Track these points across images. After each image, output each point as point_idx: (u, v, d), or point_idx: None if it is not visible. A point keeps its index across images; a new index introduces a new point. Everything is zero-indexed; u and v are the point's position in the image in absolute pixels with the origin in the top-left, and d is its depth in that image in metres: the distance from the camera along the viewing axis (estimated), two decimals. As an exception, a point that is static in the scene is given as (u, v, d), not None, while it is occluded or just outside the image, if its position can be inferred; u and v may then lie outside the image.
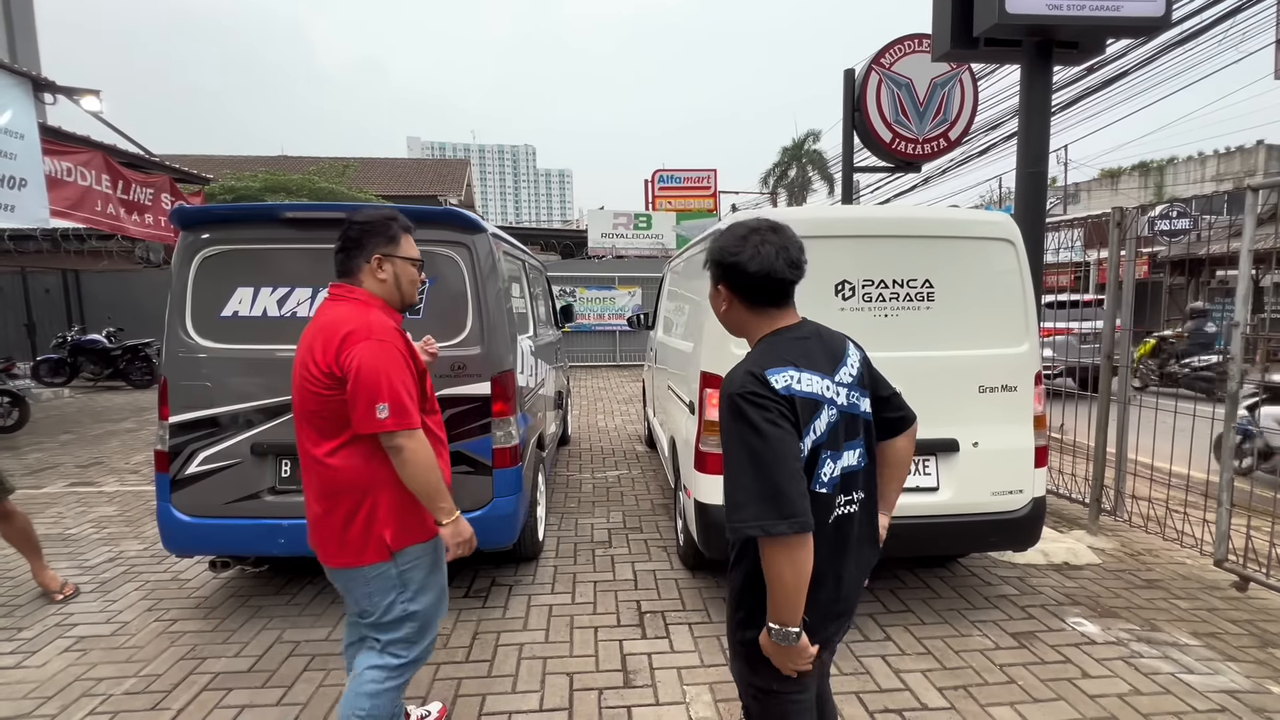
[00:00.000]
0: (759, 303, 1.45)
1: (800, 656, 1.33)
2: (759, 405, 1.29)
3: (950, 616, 3.13)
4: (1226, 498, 3.42)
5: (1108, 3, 3.61)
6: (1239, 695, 2.50)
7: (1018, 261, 3.05)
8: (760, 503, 1.24)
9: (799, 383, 1.34)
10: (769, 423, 1.27)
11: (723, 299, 1.50)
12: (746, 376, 1.33)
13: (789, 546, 1.23)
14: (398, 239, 1.93)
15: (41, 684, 2.63)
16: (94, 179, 8.08)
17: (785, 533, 1.22)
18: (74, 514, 4.81)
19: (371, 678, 1.87)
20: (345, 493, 1.80)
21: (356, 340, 1.74)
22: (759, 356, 1.39)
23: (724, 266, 1.45)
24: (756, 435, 1.27)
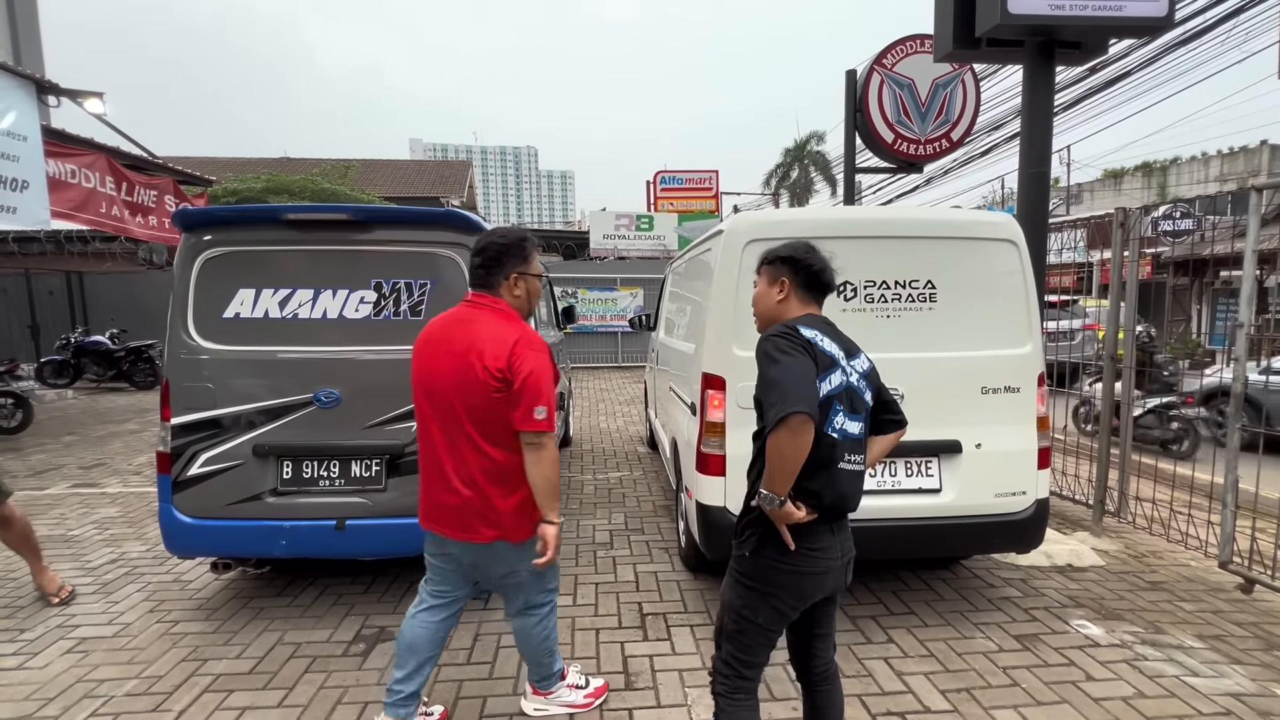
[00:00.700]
0: (810, 296, 1.81)
1: (788, 517, 1.60)
2: (788, 341, 1.63)
3: (953, 619, 3.12)
4: (1231, 499, 3.41)
5: (1110, 3, 3.60)
6: (1244, 699, 2.49)
7: (1020, 262, 3.04)
8: (781, 400, 1.53)
9: (821, 341, 1.67)
10: (794, 351, 1.60)
11: (783, 290, 1.81)
12: (781, 327, 1.68)
13: (792, 427, 1.51)
14: (530, 258, 2.15)
15: (43, 685, 2.63)
16: (98, 181, 8.11)
17: (795, 411, 1.50)
18: (76, 515, 4.82)
19: (534, 620, 2.28)
20: (509, 480, 2.05)
21: (525, 349, 1.99)
22: (795, 320, 1.72)
23: (795, 262, 1.80)
24: (785, 357, 1.59)
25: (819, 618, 1.83)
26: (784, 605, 1.70)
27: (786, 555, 1.64)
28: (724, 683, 1.78)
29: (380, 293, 3.02)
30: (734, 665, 1.77)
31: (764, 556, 1.68)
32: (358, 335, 3.01)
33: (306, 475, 3.01)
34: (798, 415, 1.50)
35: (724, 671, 1.79)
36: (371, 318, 3.02)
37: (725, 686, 1.78)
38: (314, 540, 2.99)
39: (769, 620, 1.71)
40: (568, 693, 2.42)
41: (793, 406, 1.50)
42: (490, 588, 2.29)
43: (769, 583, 1.69)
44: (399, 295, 3.03)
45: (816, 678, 1.88)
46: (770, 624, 1.72)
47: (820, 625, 1.85)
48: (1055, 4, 3.58)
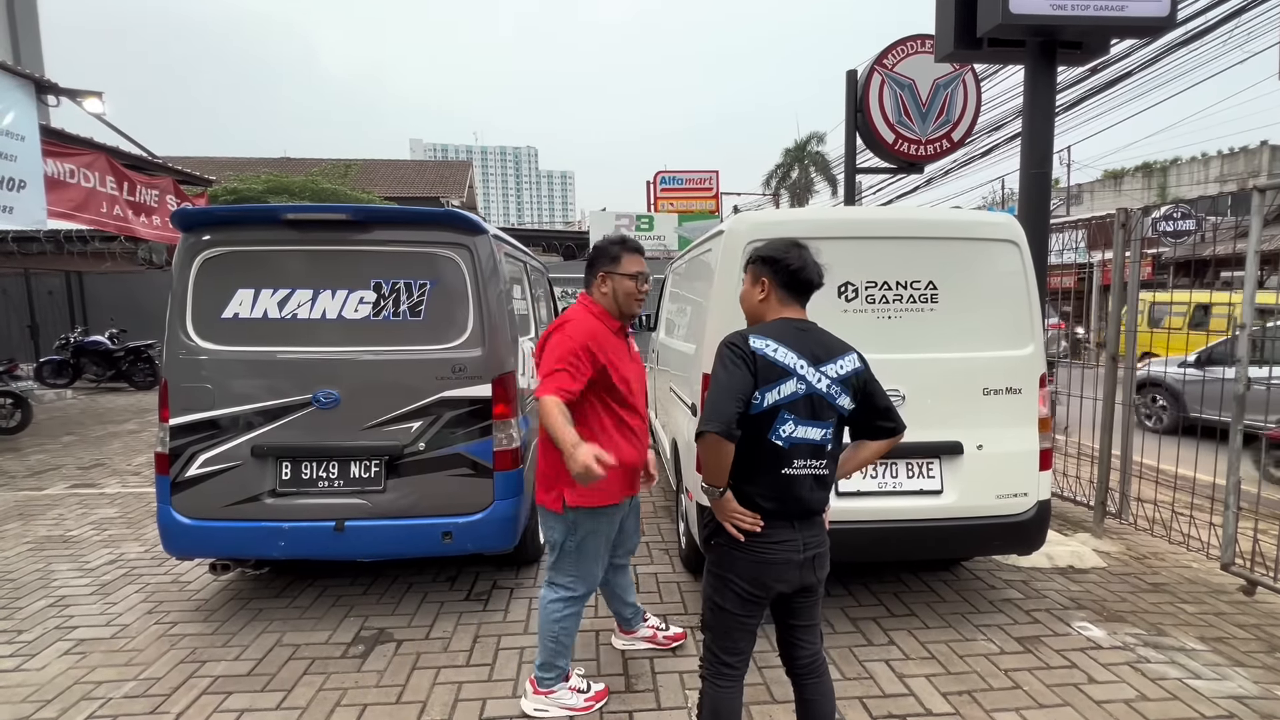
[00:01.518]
0: (791, 296, 1.84)
1: (727, 508, 1.73)
2: (730, 351, 1.70)
3: (954, 620, 3.11)
4: (1233, 500, 3.39)
5: (1112, 3, 3.59)
6: (1247, 701, 2.48)
7: (1022, 263, 3.03)
8: (703, 415, 1.65)
9: (771, 350, 1.70)
10: (731, 365, 1.68)
11: (762, 289, 1.86)
12: (733, 334, 1.76)
13: (706, 443, 1.64)
14: (619, 259, 2.37)
15: (41, 687, 2.62)
16: (98, 180, 8.10)
17: (712, 431, 1.61)
18: (75, 516, 4.81)
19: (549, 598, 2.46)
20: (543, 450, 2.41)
21: (553, 330, 2.32)
22: (755, 328, 1.79)
23: (772, 261, 1.83)
24: (721, 371, 1.68)
25: (797, 609, 1.86)
26: (743, 591, 1.76)
27: (739, 543, 1.74)
28: (707, 668, 1.87)
29: (380, 293, 3.01)
30: (714, 652, 1.85)
31: (721, 543, 1.79)
32: (357, 336, 3.00)
33: (305, 476, 3.00)
34: (709, 434, 1.62)
35: (708, 659, 1.87)
36: (371, 318, 3.01)
37: (709, 671, 1.86)
38: (313, 541, 2.97)
39: (736, 606, 1.78)
40: (568, 695, 2.42)
41: (705, 425, 1.62)
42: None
43: (727, 568, 1.79)
44: (398, 295, 3.02)
45: (802, 670, 1.90)
46: (738, 610, 1.78)
47: (799, 617, 1.87)
48: (1057, 4, 3.57)
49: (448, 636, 2.98)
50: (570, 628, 2.42)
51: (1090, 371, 4.99)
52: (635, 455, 2.43)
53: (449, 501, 3.02)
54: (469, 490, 3.03)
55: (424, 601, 3.33)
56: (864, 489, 2.92)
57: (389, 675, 2.68)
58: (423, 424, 2.99)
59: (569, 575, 2.41)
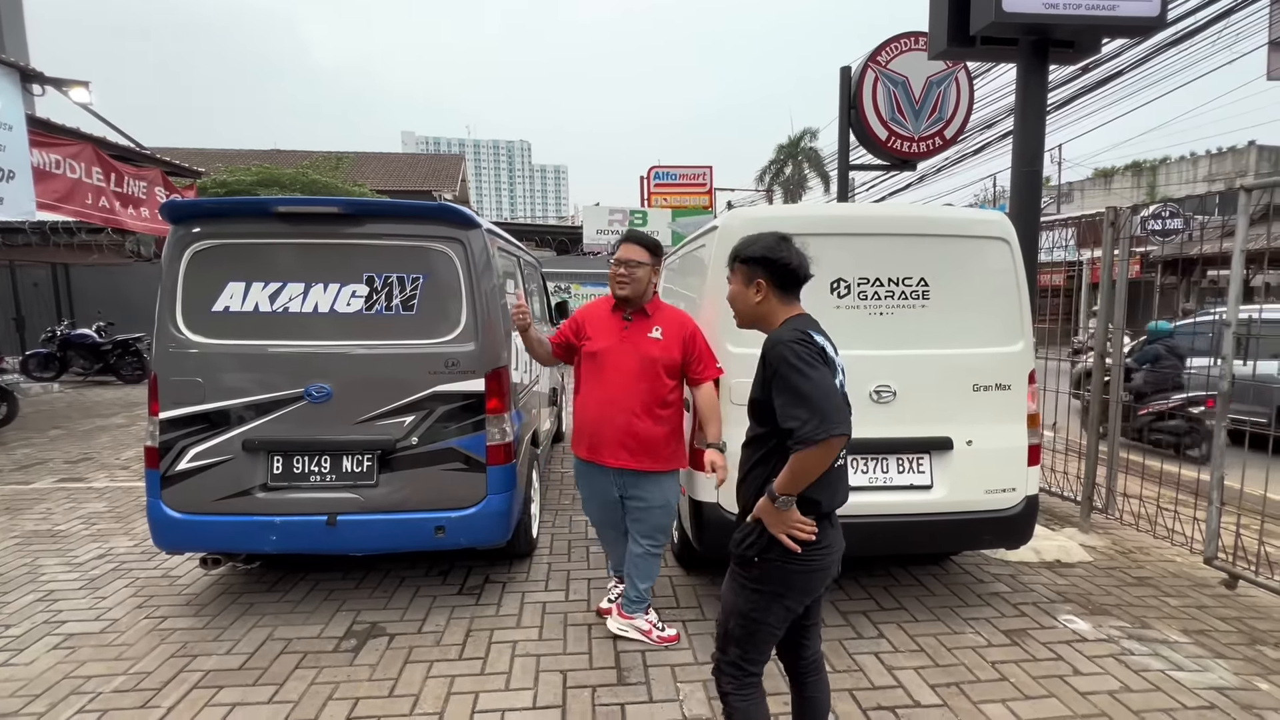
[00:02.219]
0: (789, 293, 1.81)
1: (789, 520, 1.64)
2: (808, 350, 1.63)
3: (943, 614, 3.14)
4: (1217, 496, 3.45)
5: (1104, 2, 3.62)
6: (1228, 692, 2.52)
7: (1012, 260, 3.05)
8: (821, 418, 1.54)
9: (829, 348, 1.71)
10: (817, 364, 1.61)
11: (758, 291, 1.81)
12: (794, 332, 1.68)
13: (830, 447, 1.55)
14: (618, 248, 2.80)
15: (29, 682, 2.60)
16: (84, 171, 7.99)
17: (843, 432, 1.55)
18: (63, 510, 4.77)
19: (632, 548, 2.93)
20: None
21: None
22: (795, 326, 1.72)
23: (769, 262, 1.78)
24: (812, 371, 1.59)
25: (811, 609, 1.86)
26: (795, 603, 1.73)
27: (794, 555, 1.66)
28: (732, 682, 1.79)
29: (372, 287, 3.00)
30: (742, 665, 1.78)
31: (772, 560, 1.68)
32: (349, 329, 2.99)
33: (297, 470, 2.99)
34: (839, 438, 1.54)
35: (731, 673, 1.79)
36: (363, 312, 3.00)
37: (734, 685, 1.79)
38: (305, 536, 2.97)
39: (779, 619, 1.74)
40: (644, 623, 2.88)
41: (835, 429, 1.53)
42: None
43: (781, 584, 1.70)
44: (391, 289, 3.01)
45: (807, 667, 1.90)
46: (780, 623, 1.75)
47: (811, 616, 1.88)
48: (1050, 3, 3.59)
49: (440, 630, 2.98)
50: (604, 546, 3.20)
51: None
52: (590, 419, 2.79)
53: (442, 496, 3.02)
54: (462, 485, 3.03)
55: (416, 596, 3.33)
56: (855, 484, 2.92)
57: (381, 669, 2.68)
58: (415, 418, 2.99)
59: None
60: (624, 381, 2.73)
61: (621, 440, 2.73)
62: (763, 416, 1.74)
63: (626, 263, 2.73)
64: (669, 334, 2.75)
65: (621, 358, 2.74)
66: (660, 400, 2.75)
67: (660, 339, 2.74)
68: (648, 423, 2.73)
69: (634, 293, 2.75)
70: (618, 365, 2.74)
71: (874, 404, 2.91)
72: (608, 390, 2.75)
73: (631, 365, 2.73)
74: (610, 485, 2.82)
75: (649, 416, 2.73)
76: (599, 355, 2.78)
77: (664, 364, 2.73)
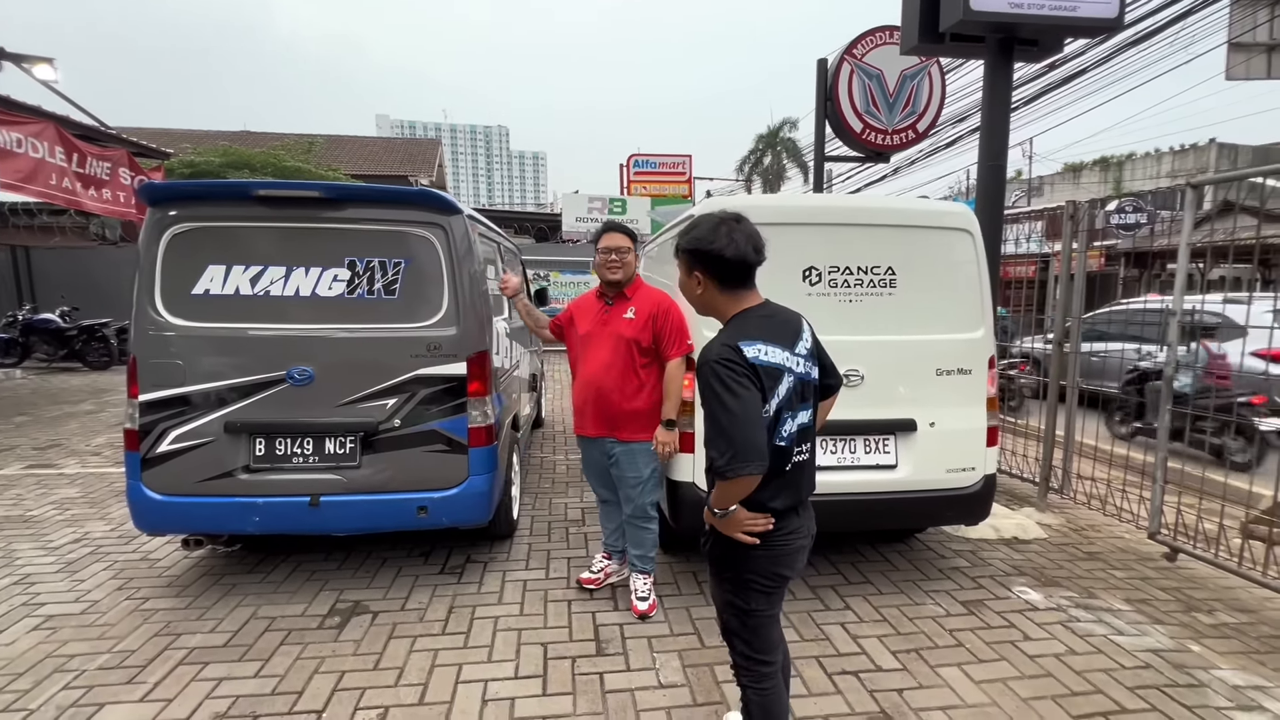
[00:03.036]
0: (730, 284, 1.72)
1: (737, 523, 1.65)
2: (730, 371, 1.55)
3: (906, 587, 3.31)
4: (1161, 475, 3.67)
5: (1065, 3, 3.76)
6: (1162, 654, 2.73)
7: (975, 251, 3.20)
8: (733, 454, 1.51)
9: (765, 354, 1.61)
10: (738, 387, 1.54)
11: (699, 284, 1.74)
12: (723, 348, 1.59)
13: (749, 481, 1.56)
14: (599, 238, 2.98)
15: (11, 661, 2.62)
16: (46, 151, 7.76)
17: (752, 473, 1.53)
18: (34, 496, 4.71)
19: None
20: None
21: None
22: (733, 331, 1.65)
23: (701, 254, 1.69)
24: (730, 397, 1.53)
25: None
26: (765, 586, 1.74)
27: (756, 547, 1.67)
28: (746, 675, 1.82)
29: (354, 271, 3.03)
30: (749, 657, 1.80)
31: (735, 548, 1.70)
32: (331, 313, 3.02)
33: (280, 452, 3.02)
34: (749, 476, 1.52)
35: (744, 666, 1.82)
36: (345, 296, 3.03)
37: (749, 678, 1.82)
38: (288, 517, 3.01)
39: (762, 603, 1.75)
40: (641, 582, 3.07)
41: (743, 469, 1.50)
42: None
43: (750, 572, 1.72)
44: (373, 274, 3.05)
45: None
46: (764, 606, 1.76)
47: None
48: (1014, 2, 3.72)
49: (423, 608, 3.06)
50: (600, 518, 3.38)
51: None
52: (578, 396, 3.05)
53: (424, 477, 3.09)
54: (444, 466, 3.10)
55: (399, 575, 3.39)
56: (823, 463, 3.06)
57: (366, 644, 2.75)
58: (398, 401, 3.04)
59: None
60: (602, 360, 2.93)
61: (601, 414, 2.95)
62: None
63: (616, 250, 2.93)
64: (641, 313, 2.91)
65: (601, 339, 2.95)
66: (635, 376, 2.92)
67: (633, 319, 2.91)
68: (623, 398, 2.92)
69: (626, 276, 2.96)
70: (598, 346, 2.96)
71: (843, 387, 3.03)
72: (589, 369, 2.98)
73: (608, 345, 2.93)
74: (600, 455, 3.05)
75: (624, 392, 2.92)
76: (583, 338, 3.03)
77: (636, 342, 2.90)
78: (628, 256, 2.94)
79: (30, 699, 2.38)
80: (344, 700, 2.38)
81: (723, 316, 1.76)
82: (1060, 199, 16.70)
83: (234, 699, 2.39)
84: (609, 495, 3.20)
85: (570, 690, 2.45)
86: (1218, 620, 3.02)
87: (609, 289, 3.00)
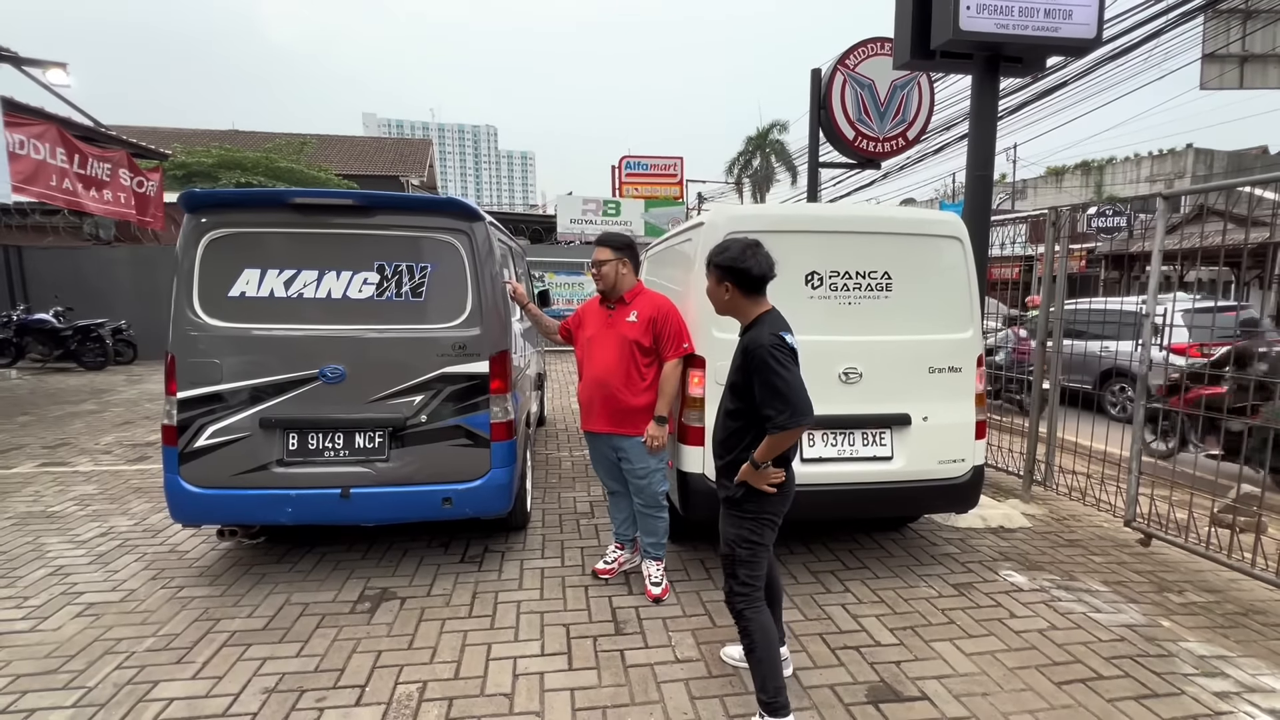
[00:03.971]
0: (753, 293, 2.26)
1: (767, 478, 2.16)
2: (783, 353, 2.09)
3: (901, 571, 3.54)
4: (1136, 466, 3.92)
5: (1048, 24, 4.01)
6: (1136, 629, 2.97)
7: (964, 257, 3.43)
8: (793, 410, 2.05)
9: (792, 341, 2.16)
10: (790, 364, 2.10)
11: (727, 291, 2.28)
12: (771, 336, 2.12)
13: (801, 431, 2.08)
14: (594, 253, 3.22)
15: (61, 645, 2.76)
16: (48, 152, 7.82)
17: (806, 423, 2.07)
18: (53, 493, 4.81)
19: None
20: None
21: None
22: (770, 326, 2.18)
23: (734, 270, 2.23)
24: (785, 371, 2.07)
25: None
26: (774, 521, 2.26)
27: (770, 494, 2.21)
28: (744, 600, 2.24)
29: (383, 274, 3.20)
30: (749, 583, 2.24)
31: (759, 493, 2.19)
32: (361, 315, 3.19)
33: (312, 446, 3.18)
34: (806, 427, 2.07)
35: (743, 593, 2.24)
36: (375, 298, 3.20)
37: (746, 603, 2.23)
38: (319, 508, 3.17)
39: (768, 537, 2.27)
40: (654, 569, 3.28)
41: (803, 419, 2.05)
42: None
43: (765, 509, 2.23)
44: (400, 277, 3.21)
45: (773, 580, 2.45)
46: (768, 540, 2.27)
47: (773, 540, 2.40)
48: (1001, 23, 3.96)
49: (448, 594, 3.23)
50: (609, 509, 3.53)
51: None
52: (585, 395, 3.25)
53: (449, 469, 3.26)
54: (467, 459, 3.27)
55: (421, 564, 3.56)
56: (825, 455, 3.30)
57: (398, 626, 2.93)
58: (424, 397, 3.21)
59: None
60: (606, 361, 3.15)
61: (607, 411, 3.16)
62: (741, 395, 2.21)
63: (595, 263, 3.21)
64: (642, 316, 3.14)
65: (605, 341, 3.18)
66: (638, 375, 3.14)
67: (635, 322, 3.14)
68: (627, 395, 3.13)
69: (606, 286, 3.20)
70: (602, 347, 3.18)
71: (843, 384, 3.26)
72: (595, 369, 3.20)
73: (611, 347, 3.15)
74: (608, 449, 3.24)
75: (628, 390, 3.13)
76: (588, 341, 3.27)
77: (637, 344, 3.12)
78: (605, 268, 3.16)
79: (86, 678, 2.53)
80: (384, 676, 2.56)
81: (745, 317, 2.29)
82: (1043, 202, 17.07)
83: (280, 675, 2.55)
84: (618, 486, 3.39)
85: (594, 665, 2.64)
86: (1187, 600, 3.27)
87: (604, 297, 3.26)
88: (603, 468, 3.39)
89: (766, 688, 2.16)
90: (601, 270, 3.17)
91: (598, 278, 3.20)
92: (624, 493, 3.37)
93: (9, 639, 2.80)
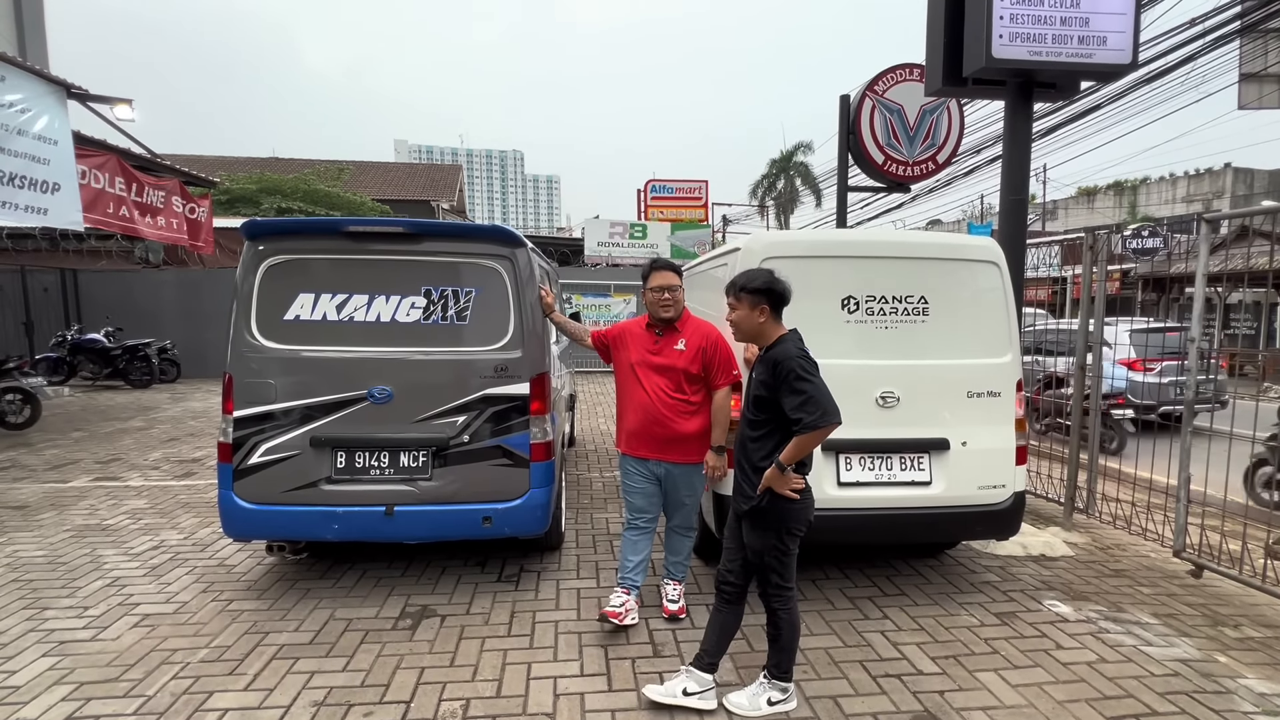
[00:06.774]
0: (779, 315, 2.49)
1: (790, 482, 2.33)
2: (810, 363, 2.33)
3: (940, 599, 3.48)
4: (1184, 495, 3.82)
5: (1082, 50, 4.03)
6: (1190, 664, 2.87)
7: (1001, 281, 3.43)
8: (823, 411, 2.25)
9: (812, 355, 2.39)
10: (817, 371, 2.33)
11: (761, 314, 2.46)
12: (798, 349, 2.37)
13: (831, 429, 2.27)
14: (648, 277, 3.16)
15: (120, 654, 2.87)
16: (107, 181, 8.24)
17: (836, 422, 2.26)
18: (106, 507, 5.01)
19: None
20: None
21: None
22: (795, 344, 2.40)
23: (771, 293, 2.45)
24: (815, 377, 2.30)
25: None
26: (798, 530, 2.45)
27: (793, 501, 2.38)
28: (778, 600, 2.48)
29: (429, 299, 3.32)
30: (783, 586, 2.48)
31: (783, 507, 2.38)
32: (409, 337, 3.30)
33: (359, 465, 3.29)
34: (832, 425, 2.26)
35: (777, 594, 2.48)
36: (421, 321, 3.32)
37: (779, 601, 2.48)
38: (364, 525, 3.26)
39: (794, 545, 2.48)
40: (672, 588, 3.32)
41: (835, 417, 2.25)
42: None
43: (795, 521, 2.42)
44: (446, 301, 3.33)
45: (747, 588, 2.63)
46: (795, 548, 2.48)
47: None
48: (1034, 50, 4.00)
49: (487, 612, 3.28)
50: (625, 548, 3.26)
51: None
52: (632, 420, 3.17)
53: (489, 489, 3.33)
54: (508, 479, 3.34)
55: (459, 583, 3.62)
56: (862, 479, 3.29)
57: (439, 644, 2.98)
58: (467, 418, 3.30)
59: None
60: (655, 388, 3.10)
61: (656, 437, 3.10)
62: (765, 407, 2.40)
63: (668, 289, 3.09)
64: (691, 345, 3.11)
65: (653, 368, 3.13)
66: (686, 403, 3.10)
67: (684, 350, 3.10)
68: (676, 423, 3.08)
69: (677, 313, 3.14)
70: (649, 375, 3.13)
71: (880, 408, 3.26)
72: (642, 397, 3.13)
73: (660, 374, 3.11)
74: (650, 474, 3.18)
75: (677, 418, 3.09)
76: (634, 367, 3.17)
77: (686, 373, 3.09)
78: (679, 294, 3.11)
79: (145, 686, 2.63)
80: (428, 693, 2.60)
81: (767, 340, 2.47)
82: (1074, 223, 16.85)
83: (328, 689, 2.62)
84: (650, 514, 3.23)
85: (634, 687, 2.64)
86: (1244, 634, 3.16)
87: (661, 324, 3.15)
88: (639, 494, 3.21)
89: (783, 665, 2.51)
90: (676, 296, 3.11)
91: (669, 304, 3.09)
92: (650, 528, 3.24)
93: (72, 647, 2.92)
